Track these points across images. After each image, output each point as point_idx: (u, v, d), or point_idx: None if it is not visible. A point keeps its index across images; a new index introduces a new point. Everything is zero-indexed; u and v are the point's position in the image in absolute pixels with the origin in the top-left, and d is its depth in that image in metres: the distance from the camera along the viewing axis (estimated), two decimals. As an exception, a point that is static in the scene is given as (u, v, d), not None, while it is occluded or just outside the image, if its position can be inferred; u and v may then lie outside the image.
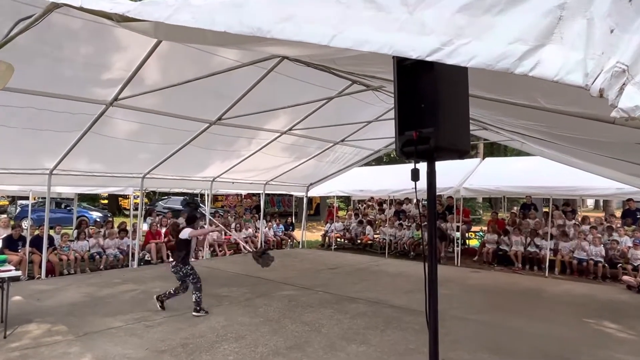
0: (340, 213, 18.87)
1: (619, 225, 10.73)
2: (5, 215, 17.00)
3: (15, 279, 5.69)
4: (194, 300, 6.39)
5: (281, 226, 15.32)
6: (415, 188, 2.32)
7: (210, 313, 6.43)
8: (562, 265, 10.16)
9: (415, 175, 2.28)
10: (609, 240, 9.86)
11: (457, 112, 2.17)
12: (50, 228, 9.54)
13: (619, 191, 9.45)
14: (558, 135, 4.85)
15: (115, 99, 6.97)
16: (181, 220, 10.31)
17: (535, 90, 2.45)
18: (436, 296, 2.33)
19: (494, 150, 25.37)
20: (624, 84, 1.18)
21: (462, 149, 2.21)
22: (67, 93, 6.58)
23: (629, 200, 10.51)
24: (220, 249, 12.66)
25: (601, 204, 30.87)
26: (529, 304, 7.37)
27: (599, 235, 10.00)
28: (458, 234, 11.64)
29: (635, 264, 9.14)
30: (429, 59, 1.44)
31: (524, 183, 10.70)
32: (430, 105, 2.09)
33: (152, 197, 25.41)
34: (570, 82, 1.25)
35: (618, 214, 15.19)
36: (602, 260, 9.55)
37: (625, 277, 8.80)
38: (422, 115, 2.11)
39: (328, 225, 15.39)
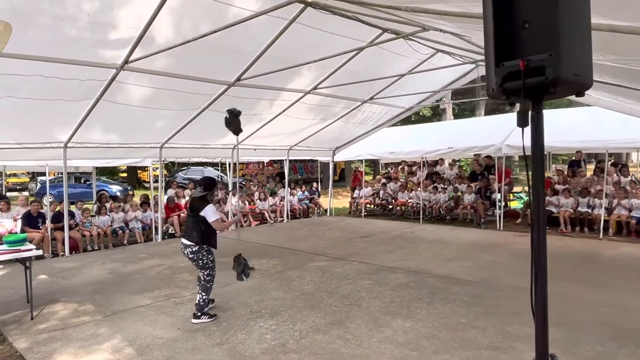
0: (367, 178, 18.22)
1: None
2: (24, 193, 17.13)
3: (39, 257, 5.40)
4: (197, 301, 4.92)
5: (306, 192, 14.77)
6: (523, 136, 1.64)
7: (240, 288, 6.00)
8: (618, 226, 9.35)
9: (524, 119, 1.64)
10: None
11: (579, 32, 1.54)
12: (71, 203, 9.27)
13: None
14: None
15: (126, 61, 6.46)
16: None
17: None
18: (545, 278, 1.77)
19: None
20: None
21: (586, 82, 1.57)
22: (73, 57, 6.08)
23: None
24: (245, 219, 12.29)
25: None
26: (586, 270, 6.72)
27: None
28: (499, 196, 10.84)
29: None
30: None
31: (576, 137, 9.72)
32: (542, 24, 1.52)
33: (171, 168, 25.27)
34: None
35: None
36: (665, 218, 8.71)
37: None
38: (527, 39, 1.55)
39: (356, 191, 14.81)
